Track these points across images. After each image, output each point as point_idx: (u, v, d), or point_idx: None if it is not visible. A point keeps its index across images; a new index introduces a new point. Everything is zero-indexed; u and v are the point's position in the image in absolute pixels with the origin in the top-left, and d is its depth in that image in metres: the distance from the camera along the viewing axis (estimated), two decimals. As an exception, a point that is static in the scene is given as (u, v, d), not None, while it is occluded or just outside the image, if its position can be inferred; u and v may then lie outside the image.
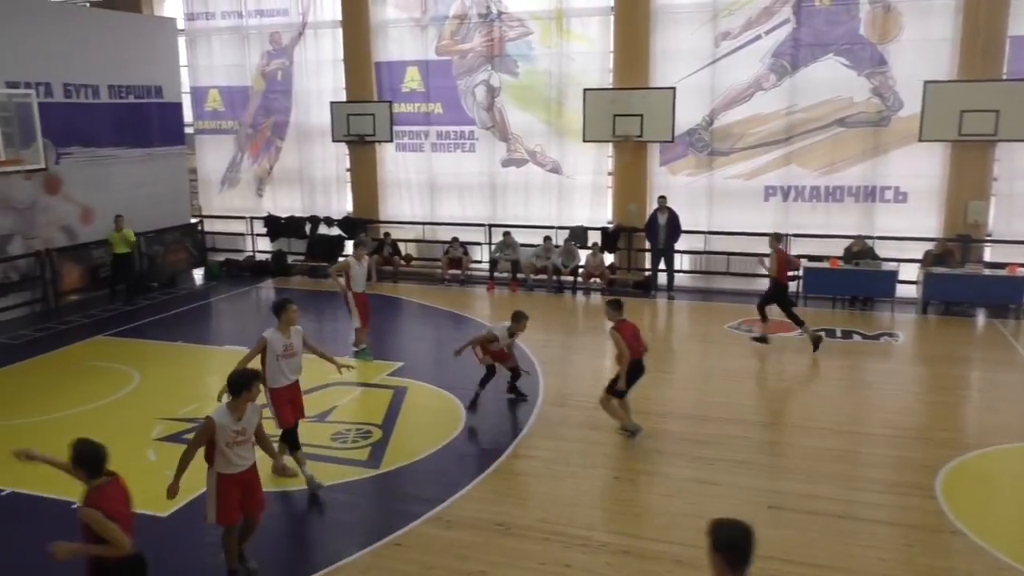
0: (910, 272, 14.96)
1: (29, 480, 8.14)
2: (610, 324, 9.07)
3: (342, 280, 11.87)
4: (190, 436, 9.08)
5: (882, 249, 15.14)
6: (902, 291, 14.81)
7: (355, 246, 12.87)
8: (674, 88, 15.85)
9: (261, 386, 6.53)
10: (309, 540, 7.08)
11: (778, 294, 12.30)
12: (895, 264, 14.84)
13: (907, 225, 15.35)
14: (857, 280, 14.69)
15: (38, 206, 15.23)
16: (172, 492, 6.16)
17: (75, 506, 4.95)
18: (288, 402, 7.88)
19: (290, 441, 7.95)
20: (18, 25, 14.17)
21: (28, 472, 8.33)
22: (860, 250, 14.82)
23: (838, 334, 13.22)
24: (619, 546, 6.83)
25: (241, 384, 6.06)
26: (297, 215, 19.19)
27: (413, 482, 8.09)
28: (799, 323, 12.25)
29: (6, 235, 14.68)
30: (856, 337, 13.05)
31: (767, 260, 12.37)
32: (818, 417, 9.63)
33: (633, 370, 8.86)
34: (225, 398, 6.25)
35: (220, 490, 6.13)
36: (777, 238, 12.50)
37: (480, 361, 9.94)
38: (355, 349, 12.02)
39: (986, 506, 7.55)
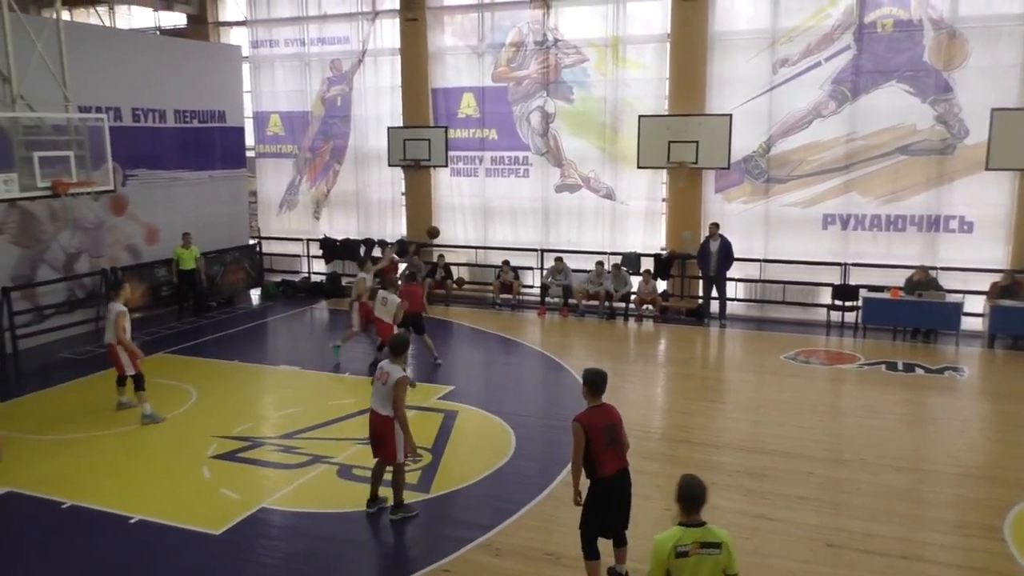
0: (976, 304, 14.50)
1: (90, 495, 8.35)
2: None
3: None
4: (244, 455, 9.31)
5: (946, 280, 14.71)
6: (967, 324, 14.34)
7: (115, 288, 11.52)
8: (730, 115, 15.72)
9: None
10: (358, 563, 7.08)
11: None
12: (960, 296, 14.39)
13: (973, 256, 14.89)
14: (920, 312, 14.27)
15: (105, 226, 15.75)
16: (411, 450, 7.38)
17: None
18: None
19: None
20: (91, 52, 14.71)
21: (89, 486, 8.55)
22: (922, 280, 14.42)
23: (900, 367, 12.84)
24: (671, 580, 6.67)
25: (405, 345, 7.61)
26: (352, 238, 19.48)
27: (462, 507, 8.06)
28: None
29: (74, 253, 15.19)
30: (919, 371, 12.66)
31: None
32: (879, 453, 9.33)
33: (410, 318, 12.16)
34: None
35: (396, 433, 7.35)
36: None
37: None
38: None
39: (1059, 551, 7.20)
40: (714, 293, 15.87)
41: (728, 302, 15.97)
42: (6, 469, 8.88)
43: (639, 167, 16.52)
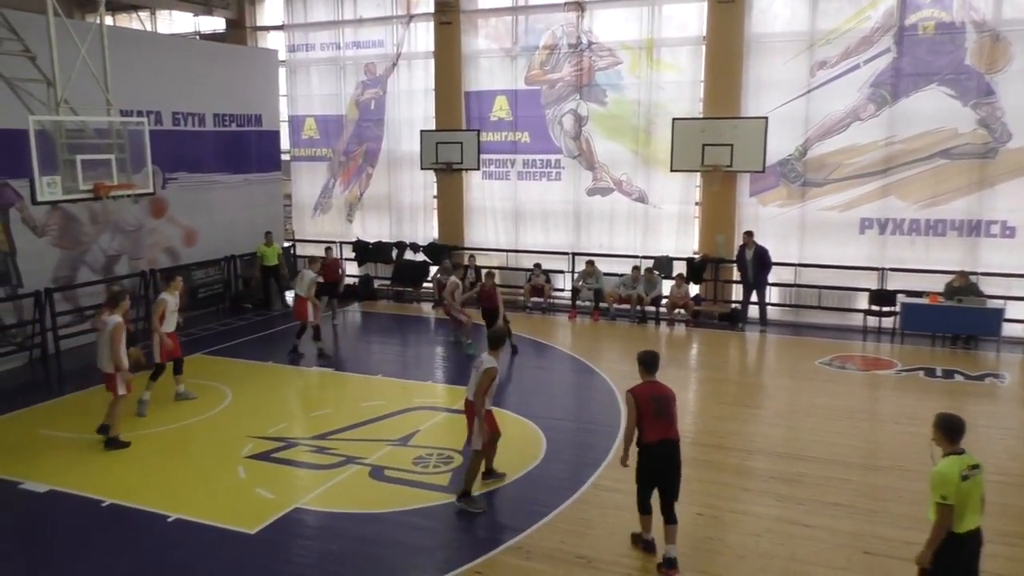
0: (1018, 310, 14.20)
1: (129, 493, 8.49)
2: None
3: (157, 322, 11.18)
4: (279, 455, 9.40)
5: (987, 286, 14.42)
6: (1009, 330, 14.05)
7: (166, 279, 12.22)
8: (766, 118, 15.56)
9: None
10: (389, 565, 7.11)
11: None
12: (1001, 301, 14.10)
13: (1015, 261, 14.58)
14: (959, 317, 13.99)
15: (144, 228, 16.02)
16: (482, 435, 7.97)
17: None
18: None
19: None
20: (133, 57, 14.96)
21: (128, 485, 8.69)
22: (962, 286, 14.14)
23: (939, 373, 12.61)
24: (704, 586, 6.63)
25: (500, 339, 8.07)
26: (385, 241, 19.61)
27: (493, 510, 8.06)
28: None
29: (113, 256, 15.46)
30: (958, 377, 12.42)
31: None
32: (918, 459, 9.11)
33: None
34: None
35: (488, 421, 7.96)
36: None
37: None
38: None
39: (1105, 564, 7.02)
40: (753, 298, 15.68)
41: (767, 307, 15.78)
42: (47, 468, 9.08)
43: (672, 170, 16.40)
